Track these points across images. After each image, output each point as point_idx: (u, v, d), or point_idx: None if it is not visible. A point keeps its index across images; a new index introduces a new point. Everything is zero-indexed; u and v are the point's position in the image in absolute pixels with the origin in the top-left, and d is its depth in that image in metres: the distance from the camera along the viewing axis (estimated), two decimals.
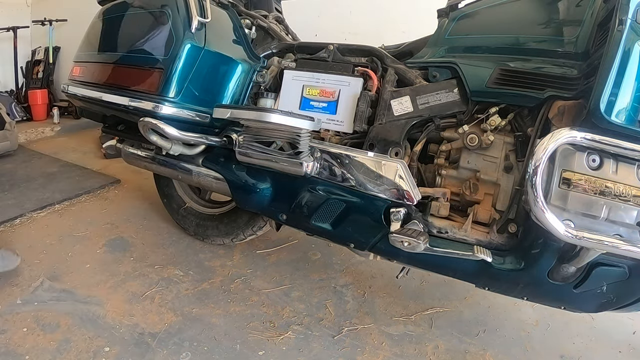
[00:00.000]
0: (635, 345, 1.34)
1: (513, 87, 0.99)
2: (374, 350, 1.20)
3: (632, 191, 0.83)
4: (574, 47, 0.97)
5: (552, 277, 0.96)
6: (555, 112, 0.93)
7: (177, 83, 1.20)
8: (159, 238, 1.68)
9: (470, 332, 1.31)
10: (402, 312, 1.38)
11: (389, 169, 1.04)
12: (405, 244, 0.98)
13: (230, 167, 1.26)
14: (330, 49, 1.28)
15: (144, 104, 1.21)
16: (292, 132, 1.07)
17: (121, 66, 1.31)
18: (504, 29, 1.10)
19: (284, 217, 1.22)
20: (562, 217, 0.85)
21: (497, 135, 1.04)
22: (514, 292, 1.04)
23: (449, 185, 1.10)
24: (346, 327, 1.28)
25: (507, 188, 1.03)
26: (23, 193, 1.92)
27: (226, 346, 1.17)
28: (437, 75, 1.11)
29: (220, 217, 1.61)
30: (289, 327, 1.26)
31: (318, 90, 1.25)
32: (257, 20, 1.47)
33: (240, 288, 1.43)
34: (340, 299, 1.42)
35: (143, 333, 1.18)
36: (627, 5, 0.82)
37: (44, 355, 1.08)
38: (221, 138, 1.25)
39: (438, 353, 1.22)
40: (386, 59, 1.20)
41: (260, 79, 1.33)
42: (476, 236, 1.04)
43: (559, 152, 0.86)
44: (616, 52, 0.81)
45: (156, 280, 1.42)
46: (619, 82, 0.81)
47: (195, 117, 1.24)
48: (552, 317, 1.42)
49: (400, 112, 1.12)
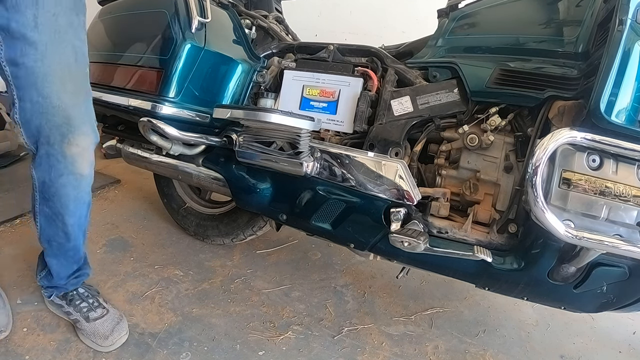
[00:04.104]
0: (635, 345, 1.34)
1: (513, 87, 0.99)
2: (374, 350, 1.20)
3: (632, 191, 0.83)
4: (574, 47, 0.97)
5: (552, 277, 0.96)
6: (555, 112, 0.93)
7: (177, 83, 1.20)
8: (159, 238, 1.68)
9: (470, 332, 1.31)
10: (402, 312, 1.38)
11: (389, 169, 1.04)
12: (405, 244, 0.98)
13: (230, 167, 1.26)
14: (330, 49, 1.28)
15: (144, 104, 1.21)
16: (292, 132, 1.07)
17: (121, 66, 1.31)
18: (504, 29, 1.10)
19: (284, 217, 1.22)
20: (562, 217, 0.85)
21: (497, 135, 1.04)
22: (514, 292, 1.04)
23: (449, 185, 1.10)
24: (346, 327, 1.28)
25: (507, 188, 1.03)
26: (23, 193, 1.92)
27: (226, 346, 1.17)
28: (437, 75, 1.11)
29: (220, 217, 1.61)
30: (289, 327, 1.26)
31: (318, 90, 1.25)
32: (257, 20, 1.47)
33: (240, 288, 1.43)
34: (340, 299, 1.42)
35: (143, 333, 1.18)
36: (627, 5, 0.82)
37: (44, 355, 1.08)
38: (221, 138, 1.25)
39: (438, 353, 1.22)
40: (386, 59, 1.20)
41: (260, 79, 1.33)
42: (476, 236, 1.04)
43: (559, 152, 0.86)
44: (616, 52, 0.81)
45: (156, 280, 1.42)
46: (619, 82, 0.81)
47: (195, 117, 1.24)
48: (552, 317, 1.42)
49: (401, 112, 1.12)
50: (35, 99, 0.91)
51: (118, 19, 1.44)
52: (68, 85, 0.94)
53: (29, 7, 0.86)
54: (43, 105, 0.92)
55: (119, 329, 1.13)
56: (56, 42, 0.90)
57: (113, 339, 1.11)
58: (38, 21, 0.87)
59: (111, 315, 1.14)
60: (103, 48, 1.42)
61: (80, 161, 1.00)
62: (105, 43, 1.43)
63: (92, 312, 1.13)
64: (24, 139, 0.98)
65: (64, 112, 0.94)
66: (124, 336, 1.14)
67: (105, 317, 1.13)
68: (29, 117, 0.94)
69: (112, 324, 1.13)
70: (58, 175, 0.99)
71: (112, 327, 1.12)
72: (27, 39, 0.87)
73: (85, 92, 1.00)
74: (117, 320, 1.14)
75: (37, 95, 0.91)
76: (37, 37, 0.88)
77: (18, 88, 0.91)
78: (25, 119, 0.95)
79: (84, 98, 0.99)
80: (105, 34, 1.45)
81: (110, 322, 1.13)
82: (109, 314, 1.14)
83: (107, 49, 1.40)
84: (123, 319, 1.16)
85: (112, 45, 1.40)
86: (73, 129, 0.96)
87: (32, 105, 0.92)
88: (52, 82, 0.91)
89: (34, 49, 0.88)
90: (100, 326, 1.11)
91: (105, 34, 1.45)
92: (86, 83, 1.00)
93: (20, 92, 0.92)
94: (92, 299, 1.16)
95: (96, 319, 1.12)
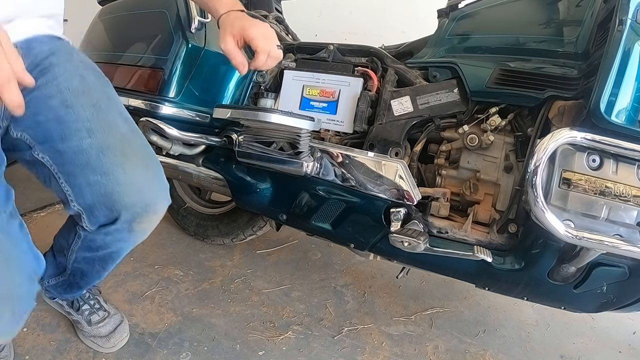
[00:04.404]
0: (635, 345, 1.34)
1: (513, 87, 0.99)
2: (374, 350, 1.20)
3: (632, 191, 0.83)
4: (574, 47, 0.97)
5: (552, 277, 0.96)
6: (555, 112, 0.93)
7: (177, 83, 1.20)
8: (159, 238, 1.68)
9: (470, 332, 1.31)
10: (402, 312, 1.38)
11: (389, 169, 1.04)
12: (406, 244, 0.98)
13: (230, 167, 1.26)
14: (330, 49, 1.28)
15: (144, 104, 1.21)
16: (292, 132, 1.07)
17: (121, 66, 1.31)
18: (504, 29, 1.10)
19: (284, 217, 1.22)
20: (562, 217, 0.85)
21: (497, 135, 1.04)
22: (514, 292, 1.04)
23: (449, 185, 1.10)
24: (346, 327, 1.28)
25: (507, 188, 1.03)
26: (23, 193, 1.92)
27: (226, 346, 1.17)
28: (437, 75, 1.11)
29: (220, 217, 1.61)
30: (289, 327, 1.26)
31: (318, 90, 1.25)
32: None
33: (240, 288, 1.43)
34: (340, 299, 1.42)
35: (143, 333, 1.18)
36: (627, 5, 0.82)
37: (44, 355, 1.08)
38: (221, 138, 1.25)
39: (438, 353, 1.22)
40: (386, 59, 1.20)
41: (260, 79, 1.33)
42: (476, 236, 1.04)
43: (559, 152, 0.86)
44: (616, 52, 0.81)
45: (156, 280, 1.42)
46: (619, 82, 0.81)
47: (195, 117, 1.24)
48: (552, 317, 1.42)
49: (400, 112, 1.12)
50: (92, 178, 0.77)
51: (118, 19, 1.44)
52: (132, 157, 0.80)
53: (53, 97, 0.76)
54: (107, 185, 0.77)
55: (120, 331, 1.13)
56: (99, 114, 0.79)
57: (115, 341, 1.11)
58: (68, 103, 0.77)
59: (112, 318, 1.14)
60: (103, 48, 1.42)
61: (147, 233, 0.89)
62: (105, 43, 1.43)
63: (93, 315, 1.12)
64: (85, 222, 0.83)
65: (135, 188, 0.80)
66: (125, 338, 1.13)
67: (106, 319, 1.13)
68: (92, 202, 0.79)
69: (113, 325, 1.12)
70: (116, 241, 0.88)
71: (113, 328, 1.12)
72: (64, 122, 0.76)
73: (154, 159, 0.87)
74: (118, 321, 1.14)
75: (94, 174, 0.77)
76: (74, 115, 0.77)
77: (67, 174, 0.78)
78: (87, 205, 0.79)
79: (154, 168, 0.85)
80: (105, 34, 1.45)
81: (111, 324, 1.12)
82: (110, 317, 1.14)
83: (107, 49, 1.40)
84: (124, 321, 1.16)
85: (112, 45, 1.40)
86: (148, 207, 0.82)
87: (91, 188, 0.78)
88: (111, 155, 0.78)
89: (77, 128, 0.77)
90: (102, 328, 1.11)
91: (105, 34, 1.45)
92: (150, 149, 0.87)
93: (71, 178, 0.78)
94: (94, 300, 1.16)
95: (98, 322, 1.11)
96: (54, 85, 0.78)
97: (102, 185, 0.77)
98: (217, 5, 0.94)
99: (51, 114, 0.77)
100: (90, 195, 0.78)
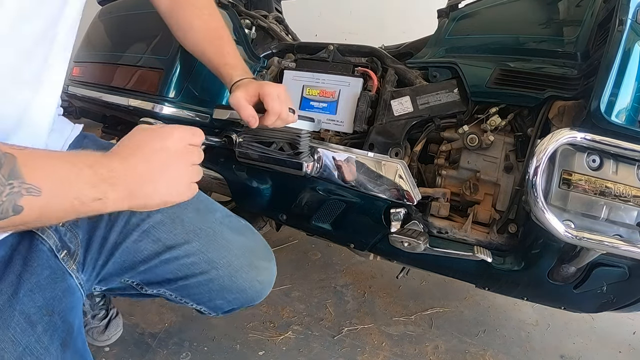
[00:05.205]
0: (635, 345, 1.34)
1: (513, 87, 0.99)
2: (374, 350, 1.20)
3: (632, 191, 0.83)
4: (574, 47, 0.97)
5: (552, 278, 0.96)
6: (555, 113, 0.93)
7: (177, 83, 1.20)
8: None
9: (470, 332, 1.31)
10: (402, 312, 1.38)
11: (389, 169, 1.04)
12: (406, 244, 0.98)
13: (230, 167, 1.26)
14: (330, 49, 1.27)
15: (144, 104, 1.21)
16: (292, 133, 1.06)
17: (121, 66, 1.31)
18: (504, 29, 1.10)
19: (284, 217, 1.22)
20: (563, 217, 0.85)
21: (497, 135, 1.04)
22: (514, 292, 1.04)
23: (449, 185, 1.10)
24: (346, 327, 1.28)
25: (507, 188, 1.03)
26: None
27: (226, 346, 1.17)
28: (437, 76, 1.11)
29: None
30: (289, 327, 1.26)
31: (318, 90, 1.24)
32: (257, 20, 1.46)
33: None
34: (340, 299, 1.42)
35: (143, 333, 1.18)
36: (627, 5, 0.82)
37: None
38: (221, 138, 1.25)
39: (438, 353, 1.22)
40: (386, 59, 1.20)
41: (260, 79, 1.33)
42: (476, 236, 1.04)
43: (559, 152, 0.85)
44: (616, 52, 0.81)
45: None
46: (619, 82, 0.81)
47: (195, 118, 1.24)
48: (552, 317, 1.42)
49: (400, 112, 1.12)
50: (230, 297, 0.79)
51: (118, 19, 1.44)
52: (235, 250, 0.80)
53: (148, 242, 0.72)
54: (246, 297, 0.80)
55: (115, 325, 1.16)
56: (199, 229, 0.76)
57: (109, 334, 1.14)
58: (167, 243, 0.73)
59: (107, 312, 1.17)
60: (103, 48, 1.42)
61: None
62: (105, 43, 1.43)
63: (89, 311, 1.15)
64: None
65: (269, 287, 0.83)
66: (118, 332, 1.17)
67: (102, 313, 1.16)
68: (209, 298, 0.79)
69: (108, 319, 1.16)
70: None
71: (107, 322, 1.15)
72: (179, 259, 0.73)
73: (269, 249, 0.88)
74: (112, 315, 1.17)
75: (231, 294, 0.79)
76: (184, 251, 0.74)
77: (202, 303, 0.80)
78: (203, 301, 0.80)
79: (273, 259, 0.87)
80: (105, 34, 1.45)
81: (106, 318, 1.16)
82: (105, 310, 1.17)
83: (107, 49, 1.40)
84: (118, 315, 1.19)
85: (112, 45, 1.40)
86: (260, 295, 0.84)
87: (230, 303, 0.81)
88: (243, 273, 0.78)
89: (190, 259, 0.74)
90: (96, 321, 1.14)
91: (105, 34, 1.45)
92: (263, 241, 0.88)
93: (210, 302, 0.80)
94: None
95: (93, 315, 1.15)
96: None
97: (241, 299, 0.81)
98: (232, 71, 0.92)
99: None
100: (227, 306, 0.82)
